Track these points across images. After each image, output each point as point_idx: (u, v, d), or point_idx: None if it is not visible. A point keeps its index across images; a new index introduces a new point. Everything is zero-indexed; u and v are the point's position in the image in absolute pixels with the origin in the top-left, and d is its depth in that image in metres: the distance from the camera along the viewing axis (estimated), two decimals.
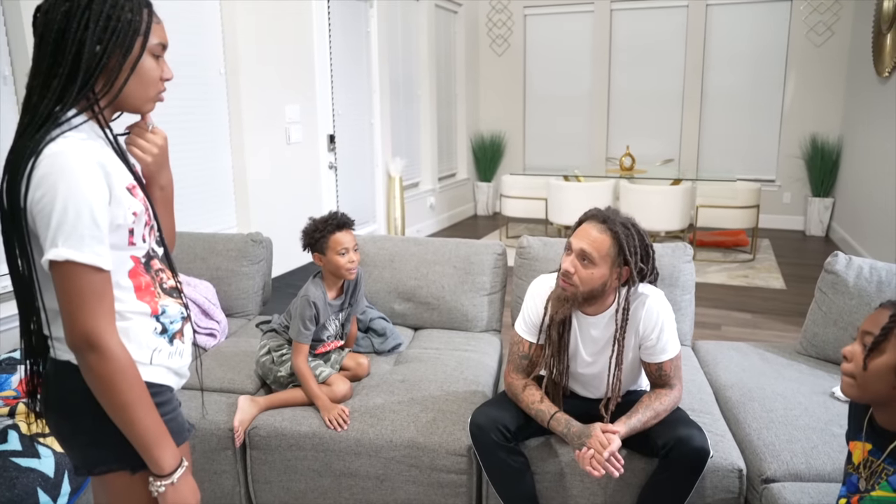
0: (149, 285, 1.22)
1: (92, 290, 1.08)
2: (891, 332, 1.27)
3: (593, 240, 1.77)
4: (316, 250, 2.21)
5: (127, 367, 1.12)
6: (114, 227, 1.13)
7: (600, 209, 1.85)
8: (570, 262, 1.79)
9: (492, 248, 2.83)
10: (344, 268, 2.18)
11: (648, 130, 7.86)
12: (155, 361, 1.22)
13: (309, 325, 2.16)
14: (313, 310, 2.16)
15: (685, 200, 5.72)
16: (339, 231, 2.18)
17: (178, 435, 1.24)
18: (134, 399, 1.12)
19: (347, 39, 5.28)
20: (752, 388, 2.23)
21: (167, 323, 1.25)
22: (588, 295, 1.81)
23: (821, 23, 6.95)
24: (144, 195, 1.21)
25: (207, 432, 2.12)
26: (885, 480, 1.29)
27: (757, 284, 5.23)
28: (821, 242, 6.79)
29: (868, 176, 5.76)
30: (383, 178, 5.97)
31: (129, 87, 1.16)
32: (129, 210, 1.15)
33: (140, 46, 1.15)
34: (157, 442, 1.16)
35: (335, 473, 2.07)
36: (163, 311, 1.24)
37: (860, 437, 1.38)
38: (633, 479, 1.90)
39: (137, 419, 1.13)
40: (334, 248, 2.16)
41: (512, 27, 8.17)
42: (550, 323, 1.89)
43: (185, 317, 1.30)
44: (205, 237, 3.05)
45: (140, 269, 1.21)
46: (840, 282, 2.45)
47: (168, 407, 1.23)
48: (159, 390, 1.22)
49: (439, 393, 2.21)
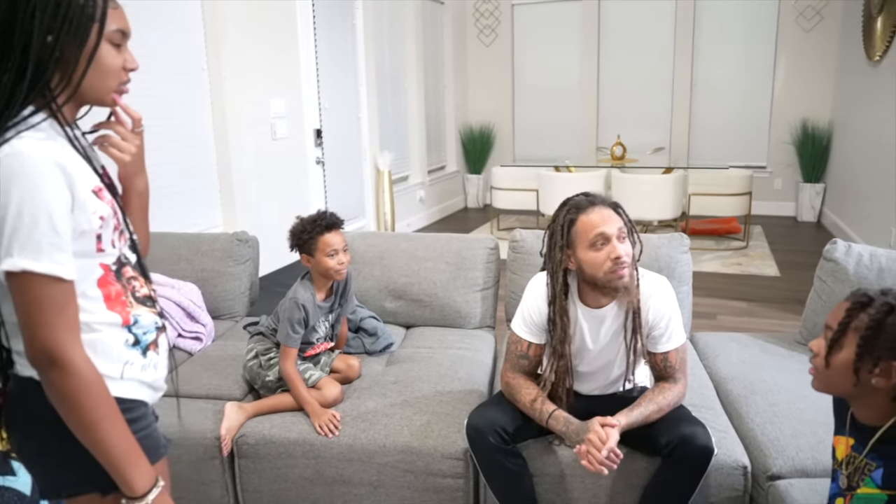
0: (119, 294, 1.14)
1: (52, 302, 1.00)
2: (848, 328, 1.21)
3: (615, 220, 1.75)
4: (304, 251, 2.13)
5: (92, 382, 1.04)
6: (78, 234, 1.05)
7: (579, 196, 1.81)
8: (620, 248, 1.71)
9: (484, 242, 2.76)
10: (333, 269, 2.10)
11: (639, 119, 7.80)
12: (126, 375, 1.14)
13: (297, 328, 2.09)
14: (302, 312, 2.09)
15: (677, 189, 5.67)
16: (327, 232, 2.10)
17: (154, 452, 1.16)
18: (101, 417, 1.04)
19: (333, 32, 5.19)
20: (754, 381, 2.18)
21: (140, 334, 1.17)
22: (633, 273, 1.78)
23: (810, 7, 6.90)
24: (113, 198, 1.13)
25: (194, 441, 2.04)
26: (868, 476, 1.24)
27: (751, 272, 5.19)
28: (813, 228, 6.76)
29: (859, 161, 5.73)
30: (372, 173, 5.89)
31: (87, 79, 1.07)
32: (96, 214, 1.07)
33: (97, 34, 1.06)
34: (128, 461, 1.08)
35: (327, 481, 2.00)
36: (135, 322, 1.16)
37: (844, 432, 1.33)
38: (635, 480, 1.84)
39: (106, 438, 1.05)
40: (323, 249, 2.09)
41: (499, 17, 8.08)
42: (561, 321, 1.82)
43: (160, 327, 1.22)
44: (189, 237, 2.97)
45: (110, 278, 1.13)
46: (840, 270, 2.40)
47: (142, 423, 1.16)
48: (131, 406, 1.14)
49: (433, 394, 2.14)
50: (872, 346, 1.18)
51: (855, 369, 1.20)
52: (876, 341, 1.18)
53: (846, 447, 1.32)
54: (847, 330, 1.22)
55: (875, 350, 1.18)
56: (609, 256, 1.71)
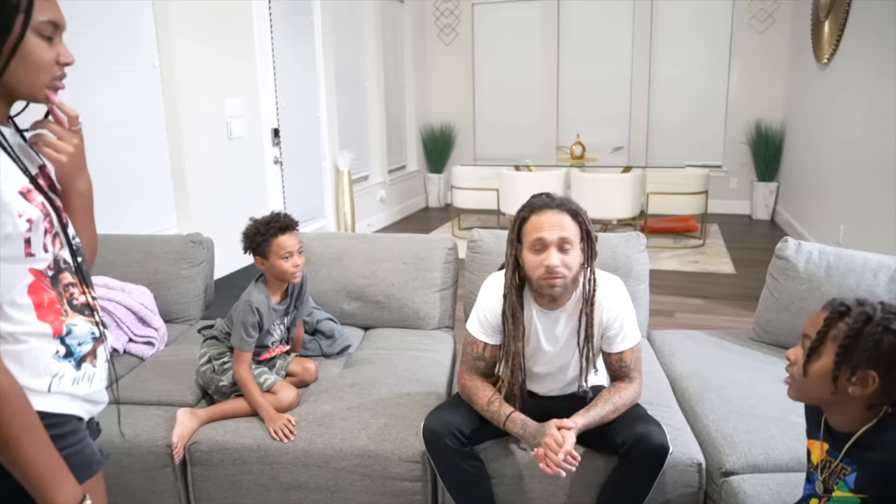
0: (53, 302, 1.09)
1: None
2: (826, 336, 1.23)
3: (566, 226, 1.71)
4: (258, 254, 2.09)
5: (8, 397, 0.98)
6: (2, 238, 0.99)
7: (541, 197, 1.78)
8: (555, 257, 1.69)
9: (442, 242, 2.75)
10: (288, 272, 2.06)
11: (598, 119, 7.88)
12: (55, 389, 1.08)
13: (252, 332, 2.04)
14: (256, 316, 2.05)
15: (636, 188, 5.74)
16: (282, 234, 2.06)
17: (85, 469, 1.11)
18: (18, 433, 0.98)
19: (290, 30, 5.12)
20: (709, 378, 2.21)
21: (74, 345, 1.11)
22: (573, 281, 1.76)
23: (762, 10, 7.06)
24: (47, 199, 1.08)
25: (144, 450, 1.98)
26: (842, 481, 1.26)
27: (708, 270, 5.28)
28: (767, 226, 6.92)
29: (809, 160, 5.88)
30: (331, 173, 5.83)
31: (14, 73, 1.02)
32: (22, 217, 1.01)
33: (21, 25, 1.00)
34: (49, 481, 1.02)
35: (283, 487, 1.96)
36: (68, 332, 1.10)
37: (818, 437, 1.35)
38: (593, 479, 1.85)
39: (24, 456, 0.99)
40: (277, 252, 2.05)
41: (460, 16, 8.08)
42: (514, 321, 1.81)
43: (98, 337, 1.17)
44: (141, 240, 2.90)
45: (44, 284, 1.07)
46: (791, 267, 2.45)
47: (71, 439, 1.10)
48: (59, 421, 1.08)
49: (391, 396, 2.12)
50: (850, 355, 1.20)
51: (833, 378, 1.22)
52: (854, 350, 1.20)
53: (821, 451, 1.33)
54: (825, 339, 1.23)
55: (853, 359, 1.20)
56: (542, 263, 1.71)
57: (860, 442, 1.25)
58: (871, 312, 1.21)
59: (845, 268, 2.35)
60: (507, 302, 1.80)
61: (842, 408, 1.26)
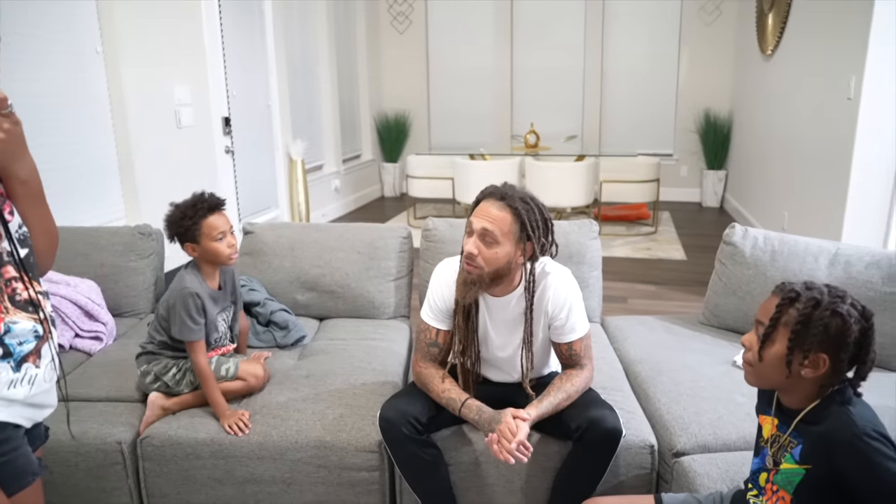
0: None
1: None
2: (779, 322, 1.27)
3: (494, 217, 1.70)
4: (187, 240, 1.96)
5: None
6: None
7: (497, 186, 1.78)
8: (472, 244, 1.72)
9: (396, 231, 2.74)
10: (224, 254, 1.96)
11: (552, 107, 7.94)
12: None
13: (197, 317, 1.93)
14: (197, 299, 1.94)
15: (589, 176, 5.81)
16: (211, 214, 1.94)
17: (16, 481, 1.06)
18: None
19: (240, 17, 5.00)
20: (661, 362, 2.26)
21: (13, 345, 1.06)
22: (494, 275, 1.74)
23: (710, 2, 7.20)
24: None
25: (93, 447, 1.93)
26: (788, 453, 1.31)
27: (659, 256, 5.39)
28: (716, 213, 7.09)
29: (755, 149, 6.04)
30: (284, 162, 5.74)
31: None
32: None
33: None
34: None
35: (237, 481, 1.93)
36: (7, 331, 1.05)
37: (769, 412, 1.40)
38: (547, 463, 1.87)
39: None
40: (209, 234, 1.94)
41: (413, 4, 8.02)
42: (457, 308, 1.83)
43: (41, 335, 1.11)
44: (86, 231, 2.81)
45: None
46: (738, 252, 2.51)
47: (1, 448, 1.05)
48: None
49: (346, 387, 2.11)
50: (802, 339, 1.24)
51: (787, 362, 1.26)
52: (805, 335, 1.24)
53: (772, 426, 1.38)
54: (777, 325, 1.27)
55: (805, 343, 1.24)
56: (465, 247, 1.73)
57: (806, 417, 1.30)
58: (819, 297, 1.25)
59: (789, 252, 2.42)
60: (457, 286, 1.81)
61: (795, 388, 1.30)
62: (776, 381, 1.32)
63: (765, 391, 1.46)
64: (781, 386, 1.33)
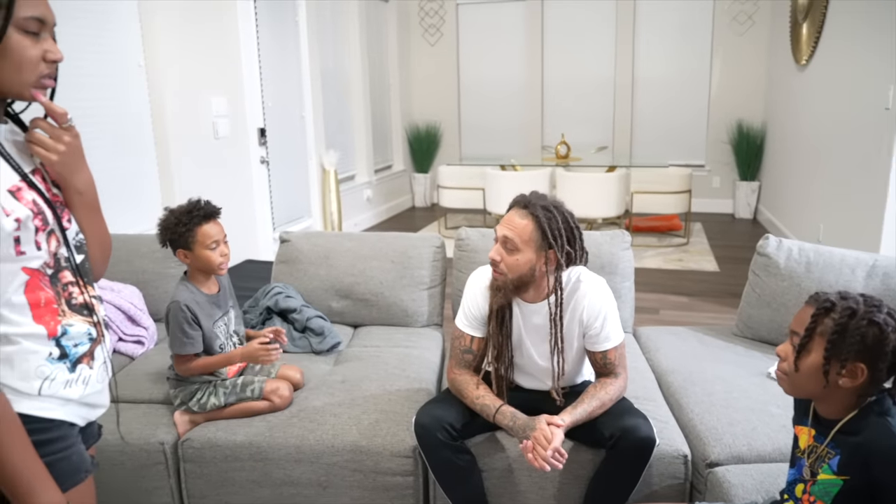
0: (50, 302, 1.08)
1: None
2: (814, 332, 1.27)
3: (514, 225, 1.75)
4: (180, 246, 1.94)
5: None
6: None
7: (525, 195, 1.82)
8: (495, 250, 1.79)
9: (430, 240, 2.77)
10: (215, 263, 1.96)
11: (582, 118, 7.94)
12: (45, 392, 1.07)
13: (189, 331, 1.91)
14: (187, 313, 1.92)
15: (620, 187, 5.80)
16: (206, 222, 1.93)
17: (70, 477, 1.09)
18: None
19: (275, 30, 5.11)
20: (693, 373, 2.25)
21: (69, 346, 1.10)
22: (518, 282, 1.78)
23: (742, 12, 7.15)
24: (42, 196, 1.07)
25: (136, 447, 1.99)
26: (826, 464, 1.31)
27: (691, 268, 5.35)
28: (749, 225, 7.01)
29: (790, 160, 5.97)
30: (317, 172, 5.83)
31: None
32: (10, 217, 1.00)
33: (2, 21, 0.97)
34: (29, 488, 1.00)
35: (275, 483, 1.98)
36: (63, 333, 1.09)
37: (806, 423, 1.40)
38: (580, 471, 1.88)
39: (1, 461, 0.98)
40: (203, 241, 1.92)
41: (444, 17, 8.10)
42: (490, 314, 1.86)
43: (95, 338, 1.15)
44: (128, 239, 2.90)
45: (42, 283, 1.06)
46: (772, 264, 2.50)
47: (57, 445, 1.08)
48: (47, 426, 1.07)
49: (381, 392, 2.14)
50: (839, 349, 1.24)
51: (824, 372, 1.26)
52: (842, 344, 1.24)
53: (809, 437, 1.38)
54: (813, 335, 1.27)
55: (842, 353, 1.24)
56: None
57: (844, 427, 1.29)
58: (854, 306, 1.25)
59: (824, 264, 2.40)
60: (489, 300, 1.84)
61: (832, 398, 1.30)
62: (813, 391, 1.32)
63: (801, 401, 1.45)
64: (818, 396, 1.33)
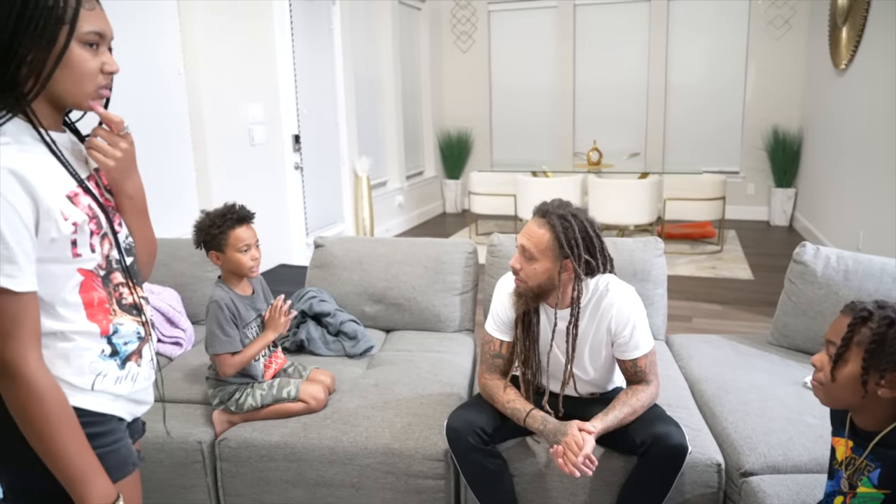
0: (103, 302, 1.12)
1: (4, 315, 0.98)
2: (851, 342, 1.25)
3: (531, 235, 1.77)
4: (213, 248, 2.00)
5: (45, 395, 1.01)
6: (48, 241, 1.03)
7: (546, 202, 1.82)
8: (515, 259, 1.81)
9: (462, 246, 2.79)
10: (246, 266, 2.00)
11: (614, 124, 7.90)
12: (97, 387, 1.11)
13: (228, 329, 1.95)
14: (226, 311, 1.96)
15: (652, 194, 5.75)
16: (239, 226, 1.98)
17: (120, 469, 1.13)
18: (53, 430, 1.02)
19: (310, 37, 5.20)
20: (727, 381, 2.23)
21: (119, 344, 1.15)
22: (539, 290, 1.80)
23: (779, 17, 7.05)
24: (96, 201, 1.12)
25: (175, 446, 2.04)
26: (865, 477, 1.29)
27: (725, 275, 5.28)
28: (785, 232, 6.89)
29: (828, 166, 5.86)
30: (350, 178, 5.89)
31: (60, 82, 1.05)
32: (68, 221, 1.05)
33: (65, 36, 1.02)
34: (83, 478, 1.04)
35: (308, 483, 2.01)
36: (115, 331, 1.14)
37: (843, 434, 1.38)
38: (612, 478, 1.88)
39: (57, 452, 1.02)
40: (234, 244, 1.97)
41: (476, 23, 8.14)
42: (516, 319, 1.88)
43: (143, 337, 1.20)
44: (167, 242, 2.96)
45: (95, 283, 1.11)
46: (808, 272, 2.46)
47: (108, 438, 1.13)
48: (99, 420, 1.12)
49: (413, 396, 2.17)
50: (878, 359, 1.22)
51: (863, 382, 1.24)
52: (881, 354, 1.22)
53: (846, 449, 1.36)
54: (850, 344, 1.25)
55: (881, 363, 1.22)
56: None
57: (884, 440, 1.27)
58: (893, 315, 1.23)
59: (864, 272, 2.36)
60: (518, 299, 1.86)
61: (870, 409, 1.28)
62: (850, 402, 1.30)
63: (837, 412, 1.43)
64: (856, 406, 1.31)
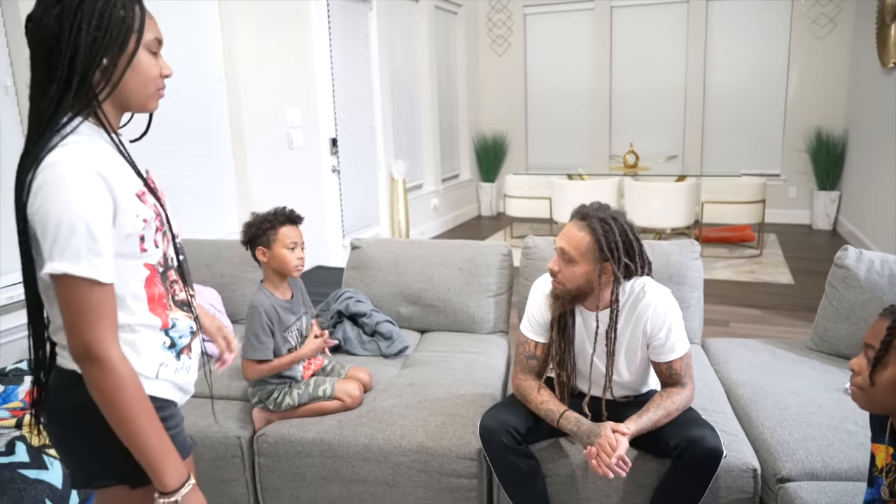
0: (161, 297, 1.20)
1: (90, 304, 1.05)
2: (890, 346, 1.23)
3: (571, 237, 1.78)
4: (260, 243, 2.05)
5: (127, 380, 1.09)
6: (123, 236, 1.10)
7: (585, 205, 1.84)
8: (554, 261, 1.82)
9: (497, 248, 2.81)
10: (291, 264, 2.05)
11: (651, 127, 7.83)
12: (161, 376, 1.20)
13: (263, 337, 2.00)
14: (265, 318, 2.00)
15: (690, 197, 5.69)
16: (288, 224, 2.06)
17: (182, 451, 1.21)
18: (136, 413, 1.09)
19: (347, 42, 5.27)
20: (765, 386, 2.21)
21: (176, 337, 1.22)
22: (577, 292, 1.81)
23: (823, 15, 6.91)
24: (157, 200, 1.19)
25: (215, 440, 2.10)
26: None
27: (764, 280, 5.19)
28: (828, 236, 6.74)
29: (874, 168, 5.72)
30: (386, 181, 5.95)
31: (128, 86, 1.14)
32: (139, 217, 1.12)
33: (135, 43, 1.13)
34: (161, 457, 1.12)
35: (344, 480, 2.05)
36: (173, 325, 1.22)
37: (883, 440, 1.35)
38: (645, 481, 1.87)
39: (139, 433, 1.10)
40: (283, 240, 2.03)
41: (512, 27, 8.15)
42: (552, 321, 1.89)
43: (194, 332, 1.28)
44: (208, 244, 3.04)
45: (156, 279, 1.19)
46: (851, 276, 2.42)
47: (172, 422, 1.21)
48: (163, 405, 1.20)
49: (447, 396, 2.19)
50: None
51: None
52: None
53: (886, 455, 1.34)
54: (890, 348, 1.23)
55: None
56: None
57: None
58: None
59: None
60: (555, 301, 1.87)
61: None
62: (890, 406, 1.28)
63: (877, 418, 1.41)
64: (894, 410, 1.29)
